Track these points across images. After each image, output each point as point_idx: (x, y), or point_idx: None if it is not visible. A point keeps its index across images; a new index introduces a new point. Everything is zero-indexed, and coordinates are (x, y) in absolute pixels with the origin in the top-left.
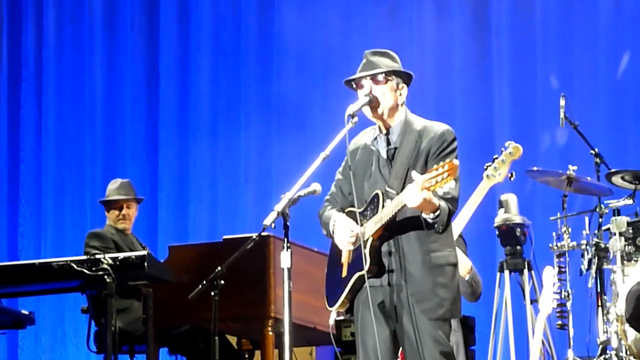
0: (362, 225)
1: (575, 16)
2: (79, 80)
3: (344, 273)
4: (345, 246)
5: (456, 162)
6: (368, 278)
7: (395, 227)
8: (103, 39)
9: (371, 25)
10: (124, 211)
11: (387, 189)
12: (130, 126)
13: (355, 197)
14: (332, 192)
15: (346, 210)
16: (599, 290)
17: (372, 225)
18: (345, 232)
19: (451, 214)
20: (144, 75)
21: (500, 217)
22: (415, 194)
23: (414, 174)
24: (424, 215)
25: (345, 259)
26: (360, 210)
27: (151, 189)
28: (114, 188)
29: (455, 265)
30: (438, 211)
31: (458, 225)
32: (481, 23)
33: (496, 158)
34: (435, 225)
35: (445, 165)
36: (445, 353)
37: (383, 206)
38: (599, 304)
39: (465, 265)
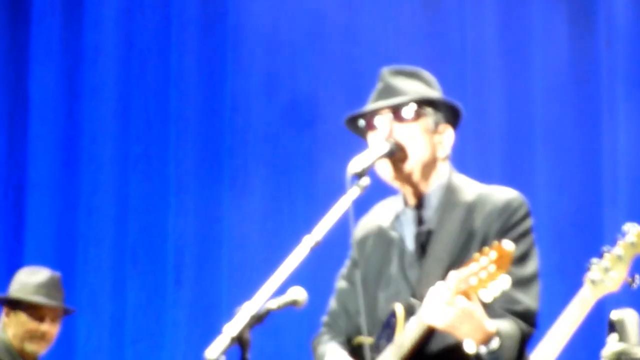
0: None
1: None
2: None
3: None
4: None
5: (509, 246)
6: None
7: None
8: None
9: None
10: (44, 326)
11: (412, 300)
12: None
13: (364, 317)
14: (331, 311)
15: (354, 343)
16: None
17: None
18: None
19: (526, 339)
20: None
21: (611, 348)
22: (446, 303)
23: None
24: (468, 348)
25: None
26: (372, 340)
27: None
28: (34, 283)
29: None
30: (496, 340)
31: None
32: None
33: (607, 251)
34: None
35: (490, 251)
36: None
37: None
38: None
39: None
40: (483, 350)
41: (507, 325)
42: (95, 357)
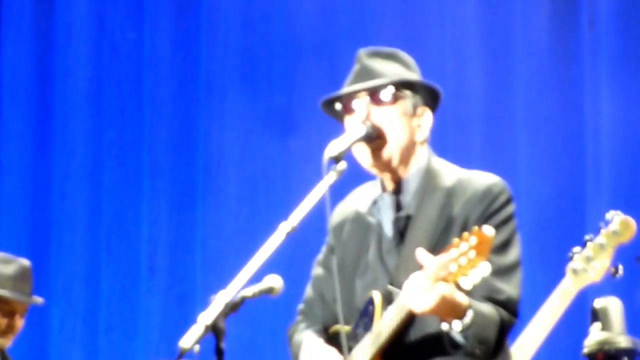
0: (349, 354)
1: None
2: None
3: None
4: None
5: (489, 231)
6: None
7: (409, 352)
8: None
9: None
10: (15, 321)
11: (390, 288)
12: None
13: (341, 305)
14: (307, 299)
15: (331, 331)
16: None
17: (366, 351)
18: None
19: (506, 328)
20: None
21: (594, 337)
22: (425, 290)
23: (422, 255)
24: (444, 326)
25: None
26: (349, 328)
27: None
28: (6, 275)
29: None
30: (469, 315)
31: (524, 352)
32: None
33: (589, 240)
34: (467, 345)
35: (470, 236)
36: None
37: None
38: None
39: None
40: (458, 325)
41: (486, 307)
42: (69, 345)
